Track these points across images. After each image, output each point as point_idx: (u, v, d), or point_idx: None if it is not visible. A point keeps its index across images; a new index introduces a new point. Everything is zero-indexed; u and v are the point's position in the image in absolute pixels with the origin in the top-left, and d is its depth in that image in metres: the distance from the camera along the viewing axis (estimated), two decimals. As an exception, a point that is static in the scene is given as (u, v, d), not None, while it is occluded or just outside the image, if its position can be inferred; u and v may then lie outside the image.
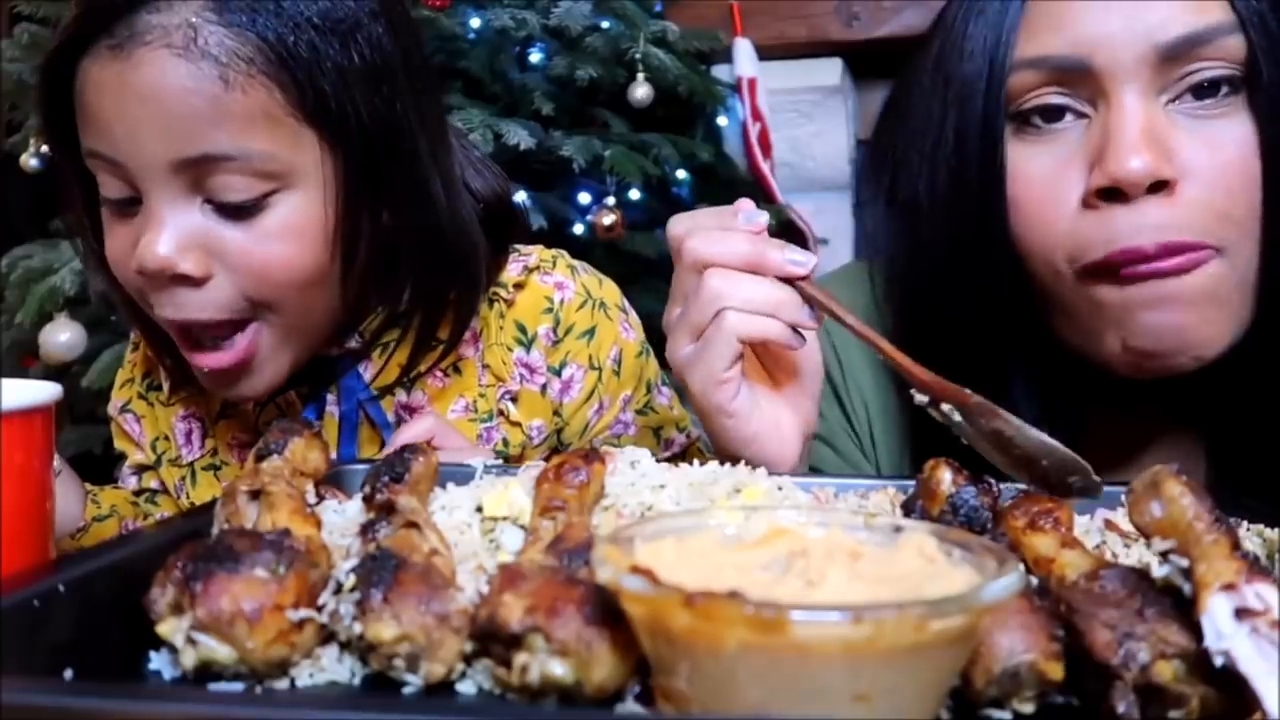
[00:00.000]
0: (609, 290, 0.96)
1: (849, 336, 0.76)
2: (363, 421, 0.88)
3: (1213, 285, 0.65)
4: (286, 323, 0.77)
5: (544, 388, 0.91)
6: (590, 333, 0.92)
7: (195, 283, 0.72)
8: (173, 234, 0.71)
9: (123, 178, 0.72)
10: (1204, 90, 0.66)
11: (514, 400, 0.90)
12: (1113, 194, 0.65)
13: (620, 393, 0.94)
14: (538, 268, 0.92)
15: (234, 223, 0.72)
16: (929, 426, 0.61)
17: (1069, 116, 0.68)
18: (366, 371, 0.87)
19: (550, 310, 0.91)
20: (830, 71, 2.38)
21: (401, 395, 0.88)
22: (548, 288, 0.91)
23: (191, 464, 0.90)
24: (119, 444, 0.99)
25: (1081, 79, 0.66)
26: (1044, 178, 0.68)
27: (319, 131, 0.74)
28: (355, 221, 0.77)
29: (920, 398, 0.60)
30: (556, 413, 0.92)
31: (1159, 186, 0.64)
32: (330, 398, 0.87)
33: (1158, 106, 0.66)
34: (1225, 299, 0.66)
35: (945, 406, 0.58)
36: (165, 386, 0.92)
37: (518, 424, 0.90)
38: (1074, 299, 0.69)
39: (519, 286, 0.91)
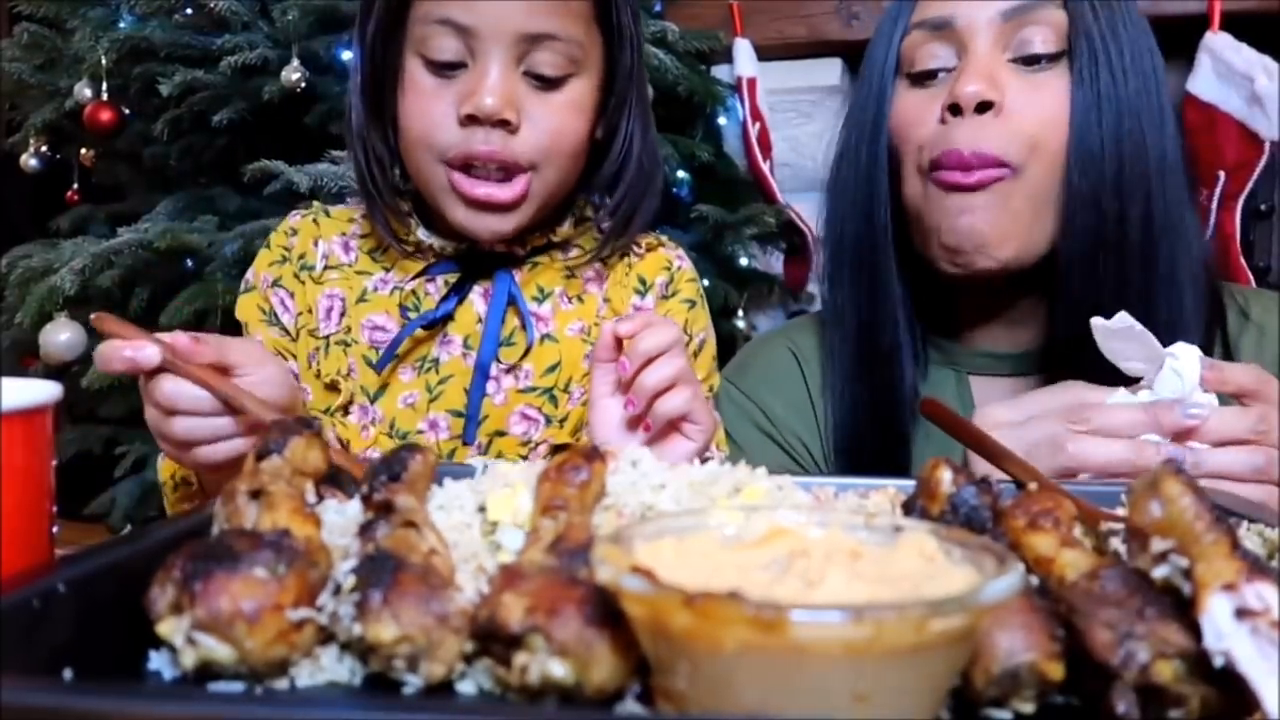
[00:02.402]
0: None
1: (767, 387, 1.05)
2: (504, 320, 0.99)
3: (1002, 200, 0.87)
4: (544, 184, 0.94)
5: None
6: (692, 303, 1.06)
7: (510, 129, 0.91)
8: (503, 89, 0.90)
9: (465, 43, 0.90)
10: (1033, 59, 0.89)
11: None
12: (956, 109, 0.88)
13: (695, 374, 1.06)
14: (662, 244, 1.09)
15: (541, 92, 0.93)
16: (868, 450, 0.90)
17: (941, 75, 0.92)
18: (517, 276, 1.01)
19: (668, 269, 1.06)
20: (830, 71, 2.38)
21: (532, 305, 1.01)
22: (670, 256, 1.08)
23: (327, 337, 0.99)
24: (250, 318, 1.03)
25: (949, 34, 0.90)
26: (916, 107, 0.92)
27: (602, 38, 0.96)
28: (604, 118, 0.99)
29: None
30: None
31: (986, 107, 0.87)
32: (477, 289, 1.00)
33: (1001, 59, 0.89)
34: (1015, 211, 0.88)
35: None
36: (318, 266, 1.02)
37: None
38: (924, 203, 0.91)
39: (650, 248, 1.08)
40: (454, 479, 0.58)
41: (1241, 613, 0.38)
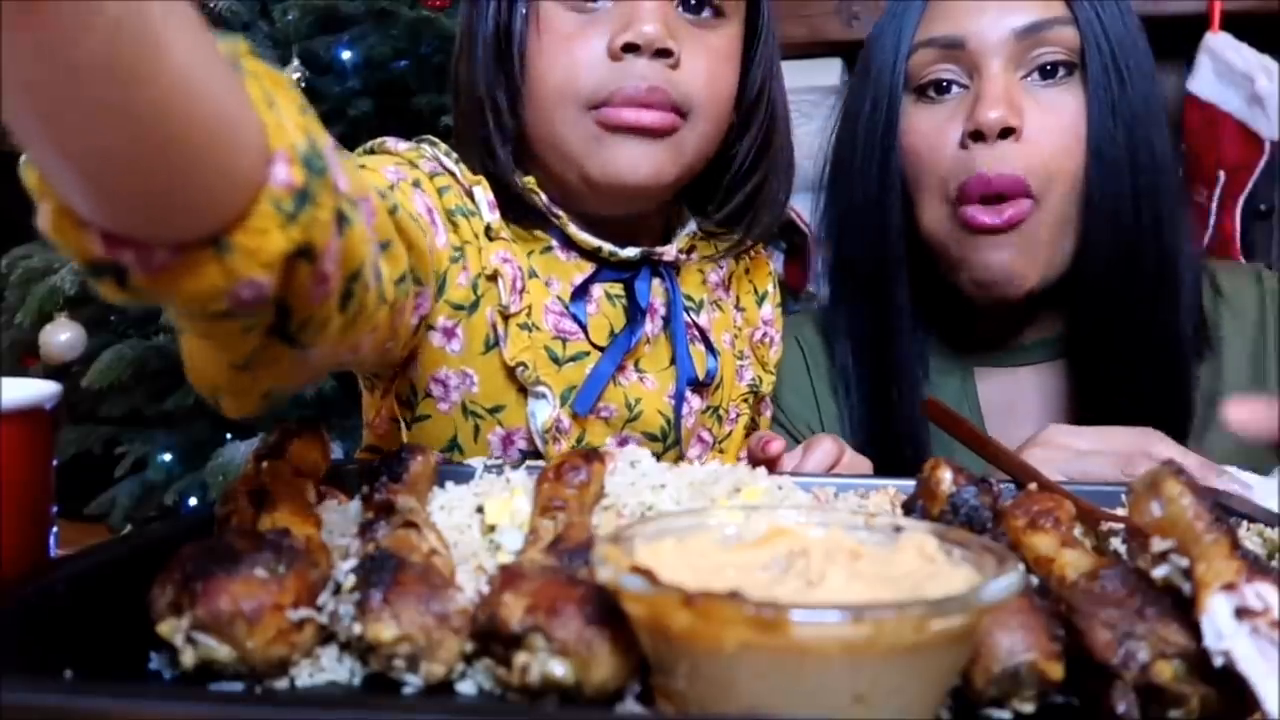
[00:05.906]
0: None
1: (781, 383, 1.02)
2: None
3: (1029, 233, 0.88)
4: (695, 136, 0.83)
5: (771, 342, 0.99)
6: (782, 308, 1.01)
7: (670, 62, 0.79)
8: (662, 16, 0.79)
9: None
10: (1047, 71, 0.89)
11: (759, 345, 0.98)
12: (978, 136, 0.87)
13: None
14: (758, 249, 1.01)
15: (696, 29, 0.82)
16: (883, 456, 0.87)
17: (955, 89, 0.91)
18: (682, 285, 0.90)
19: (771, 275, 1.01)
20: (830, 71, 2.38)
21: (689, 318, 0.90)
22: (769, 262, 1.02)
23: (508, 318, 0.81)
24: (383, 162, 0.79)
25: (961, 55, 0.89)
26: (932, 128, 0.91)
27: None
28: (749, 86, 0.88)
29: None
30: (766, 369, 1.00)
31: (1008, 132, 0.86)
32: (650, 306, 0.87)
33: (1015, 78, 0.89)
34: (1040, 243, 0.89)
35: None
36: (485, 216, 0.82)
37: (764, 364, 0.98)
38: (948, 234, 0.91)
39: (756, 253, 0.99)
40: (456, 481, 0.58)
41: (1241, 613, 0.38)
